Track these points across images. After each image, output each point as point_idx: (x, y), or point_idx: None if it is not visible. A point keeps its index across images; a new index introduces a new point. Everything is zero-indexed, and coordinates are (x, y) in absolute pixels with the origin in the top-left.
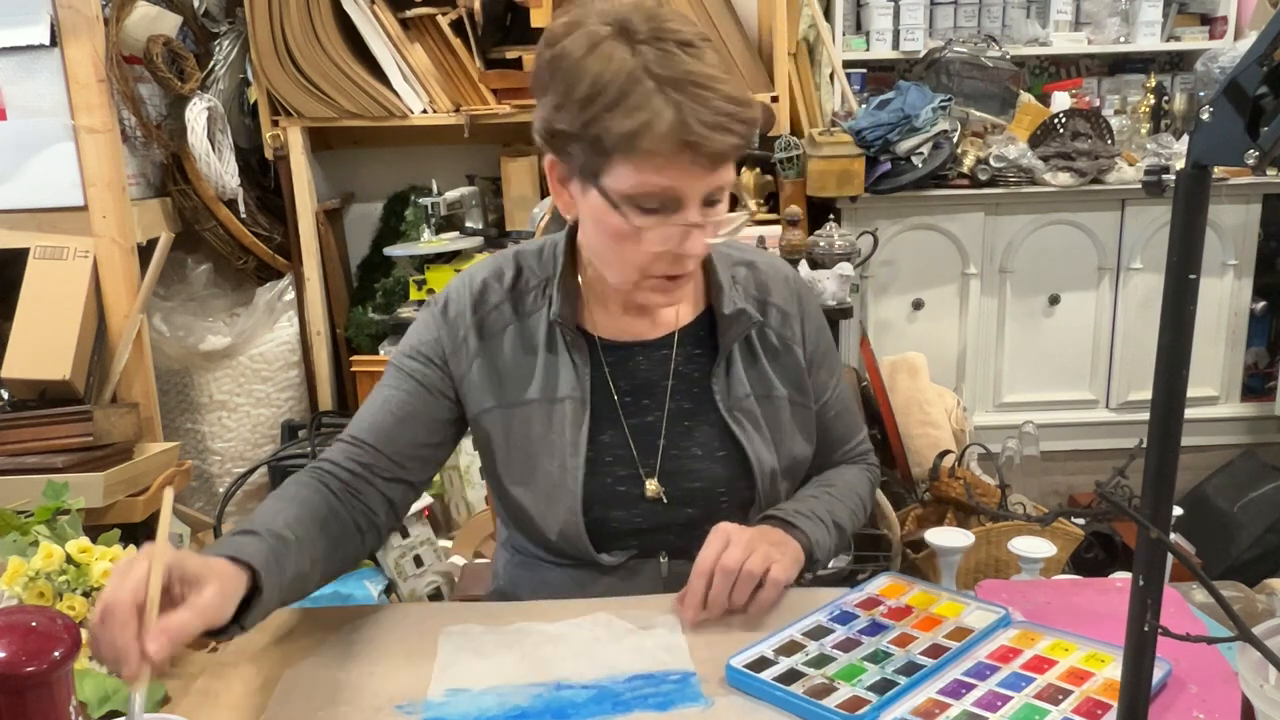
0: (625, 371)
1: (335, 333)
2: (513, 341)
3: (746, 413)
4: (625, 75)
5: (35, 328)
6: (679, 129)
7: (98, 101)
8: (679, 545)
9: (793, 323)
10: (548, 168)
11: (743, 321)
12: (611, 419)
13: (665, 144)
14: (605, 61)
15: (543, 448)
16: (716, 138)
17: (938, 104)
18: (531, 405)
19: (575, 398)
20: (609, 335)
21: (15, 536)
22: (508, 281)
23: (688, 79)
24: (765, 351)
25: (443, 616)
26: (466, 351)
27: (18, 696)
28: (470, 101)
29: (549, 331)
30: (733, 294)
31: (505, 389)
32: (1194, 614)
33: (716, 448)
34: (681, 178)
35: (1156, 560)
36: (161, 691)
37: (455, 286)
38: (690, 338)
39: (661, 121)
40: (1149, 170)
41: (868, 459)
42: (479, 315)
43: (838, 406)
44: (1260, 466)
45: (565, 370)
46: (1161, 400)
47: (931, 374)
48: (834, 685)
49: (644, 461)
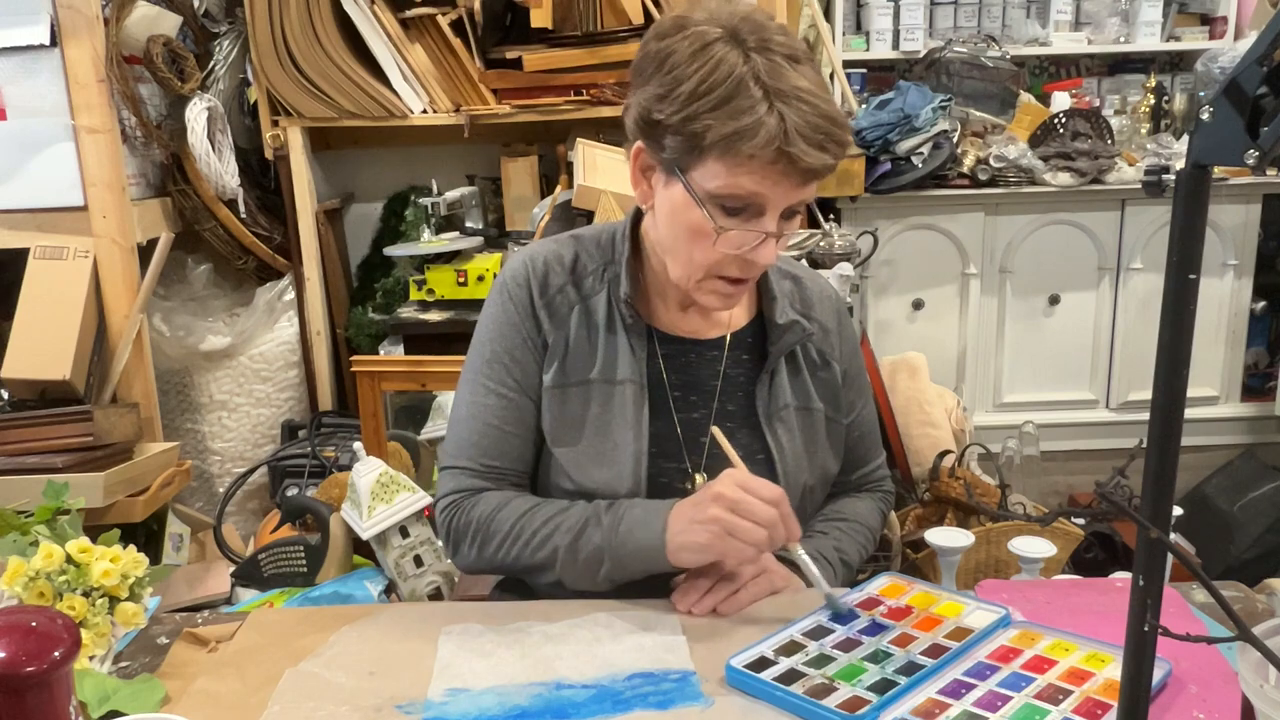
0: (678, 366)
1: (335, 333)
2: (578, 322)
3: (784, 423)
4: (735, 79)
5: (35, 328)
6: (781, 139)
7: (98, 101)
8: None
9: (832, 339)
10: (633, 155)
11: (795, 332)
12: (663, 409)
13: (764, 151)
14: (716, 63)
15: (598, 427)
16: (814, 154)
17: (938, 104)
18: (591, 385)
19: (635, 381)
20: (665, 328)
21: (15, 536)
22: (569, 263)
23: (795, 92)
24: (808, 365)
25: (443, 616)
26: (543, 331)
27: (18, 696)
28: (470, 101)
29: (609, 314)
30: (784, 304)
31: (567, 369)
32: (1194, 614)
33: (757, 451)
34: (772, 187)
35: (1156, 560)
36: (161, 691)
37: (515, 272)
38: (741, 343)
39: (765, 129)
40: (1149, 170)
41: (883, 486)
42: (546, 298)
43: (862, 429)
44: (1260, 466)
45: (624, 354)
46: (1161, 400)
47: (931, 374)
48: (834, 685)
49: (691, 456)
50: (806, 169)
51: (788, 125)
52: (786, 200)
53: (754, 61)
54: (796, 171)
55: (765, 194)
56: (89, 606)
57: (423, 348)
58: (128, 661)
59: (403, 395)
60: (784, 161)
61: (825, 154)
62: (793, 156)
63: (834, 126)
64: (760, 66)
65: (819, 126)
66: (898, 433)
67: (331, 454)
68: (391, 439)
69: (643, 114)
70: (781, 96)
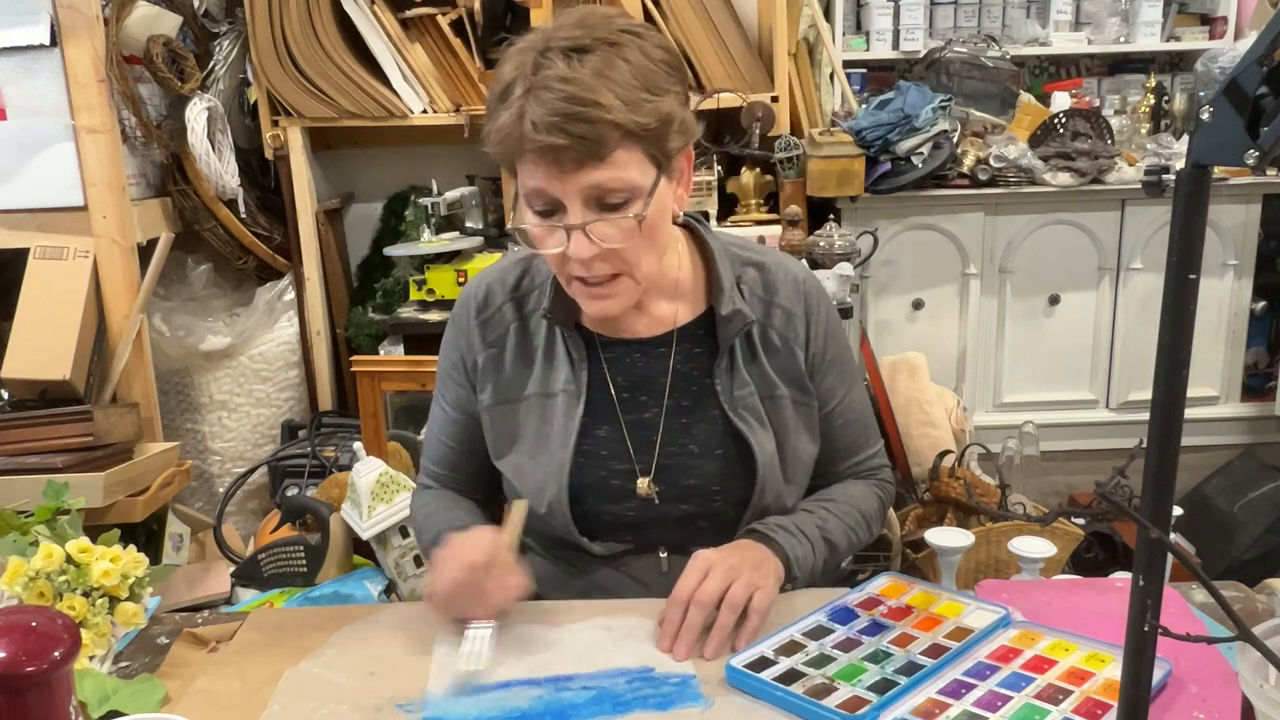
0: (623, 368)
1: (335, 333)
2: (514, 342)
3: (750, 409)
4: (505, 82)
5: (35, 328)
6: (521, 129)
7: (98, 101)
8: (676, 540)
9: (797, 324)
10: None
11: (737, 321)
12: (608, 414)
13: (517, 145)
14: (507, 66)
15: (537, 440)
16: (542, 138)
17: (938, 104)
18: (528, 400)
19: (570, 391)
20: (610, 331)
21: (15, 536)
22: (511, 283)
23: (540, 82)
24: (766, 350)
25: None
26: (475, 355)
27: (18, 696)
28: (470, 101)
29: (548, 329)
30: (733, 295)
31: (504, 387)
32: (1194, 614)
33: (714, 445)
34: (543, 177)
35: (1156, 560)
36: (161, 691)
37: (464, 293)
38: (689, 336)
39: (509, 125)
40: (1149, 170)
41: (879, 474)
42: (482, 318)
43: (847, 416)
44: (1260, 466)
45: (562, 366)
46: (1161, 400)
47: (931, 374)
48: (834, 685)
49: (639, 458)
50: (543, 151)
51: (527, 117)
52: (567, 189)
53: (538, 60)
54: (546, 159)
55: (543, 186)
56: (89, 606)
57: (423, 348)
58: (128, 661)
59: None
60: (532, 152)
61: (559, 136)
62: (530, 143)
63: (577, 106)
64: (528, 65)
65: (556, 109)
66: (898, 433)
67: (331, 454)
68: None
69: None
70: (533, 89)
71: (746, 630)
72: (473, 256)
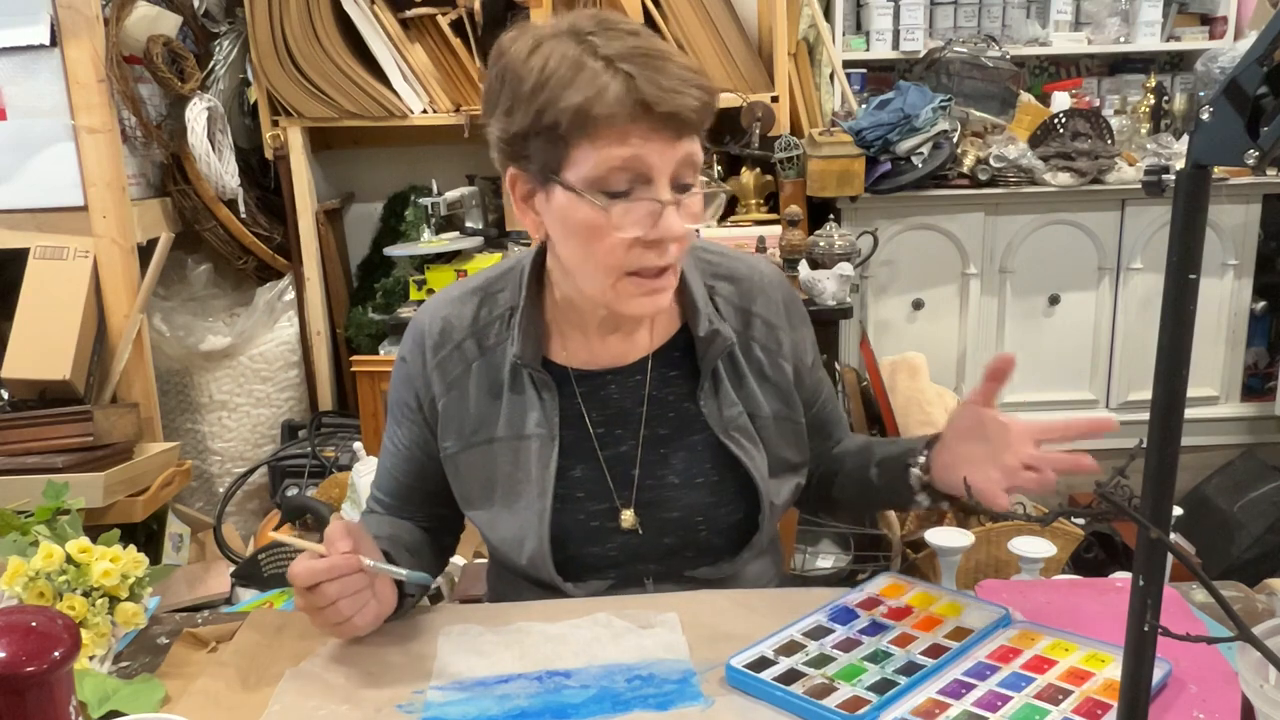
0: (598, 401)
1: (335, 333)
2: (477, 380)
3: (742, 429)
4: (571, 59)
5: (35, 328)
6: (632, 91)
7: (98, 101)
8: (661, 571)
9: (780, 334)
10: (510, 187)
11: (718, 344)
12: (584, 452)
13: (619, 109)
14: (548, 53)
15: (509, 486)
16: (672, 97)
17: (938, 104)
18: (498, 443)
19: (542, 434)
20: (580, 364)
21: (15, 536)
22: (469, 315)
23: (635, 52)
24: (750, 367)
25: (443, 616)
26: (433, 395)
27: (18, 696)
28: (470, 101)
29: (515, 366)
30: (709, 312)
31: (471, 430)
32: (1194, 614)
33: (694, 474)
34: (643, 145)
35: (1156, 560)
36: (161, 691)
37: (414, 328)
38: (664, 360)
39: (612, 89)
40: (1149, 170)
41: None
42: (439, 357)
43: (827, 394)
44: (1260, 466)
45: (532, 407)
46: (1161, 400)
47: (931, 374)
48: (834, 685)
49: (619, 493)
50: (670, 114)
51: (636, 80)
52: (665, 158)
53: (589, 41)
54: (661, 122)
55: (640, 155)
56: (89, 606)
57: None
58: (128, 661)
59: None
60: (645, 115)
61: (687, 97)
62: (651, 104)
63: (688, 72)
64: (597, 42)
65: (670, 71)
66: (898, 433)
67: (331, 454)
68: None
69: (502, 135)
70: (621, 59)
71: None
72: (473, 256)
